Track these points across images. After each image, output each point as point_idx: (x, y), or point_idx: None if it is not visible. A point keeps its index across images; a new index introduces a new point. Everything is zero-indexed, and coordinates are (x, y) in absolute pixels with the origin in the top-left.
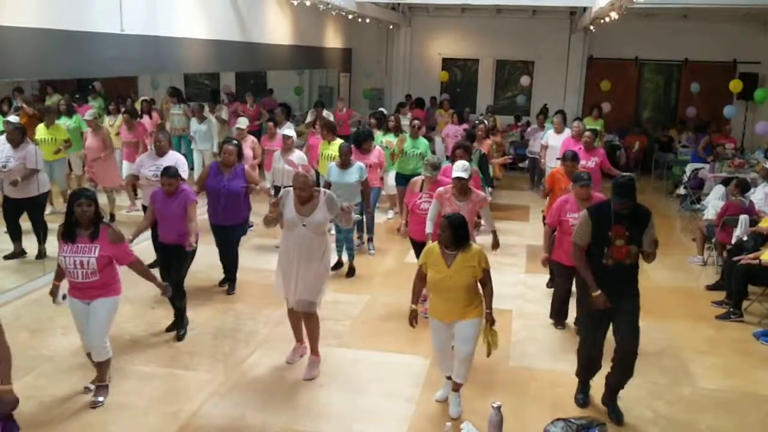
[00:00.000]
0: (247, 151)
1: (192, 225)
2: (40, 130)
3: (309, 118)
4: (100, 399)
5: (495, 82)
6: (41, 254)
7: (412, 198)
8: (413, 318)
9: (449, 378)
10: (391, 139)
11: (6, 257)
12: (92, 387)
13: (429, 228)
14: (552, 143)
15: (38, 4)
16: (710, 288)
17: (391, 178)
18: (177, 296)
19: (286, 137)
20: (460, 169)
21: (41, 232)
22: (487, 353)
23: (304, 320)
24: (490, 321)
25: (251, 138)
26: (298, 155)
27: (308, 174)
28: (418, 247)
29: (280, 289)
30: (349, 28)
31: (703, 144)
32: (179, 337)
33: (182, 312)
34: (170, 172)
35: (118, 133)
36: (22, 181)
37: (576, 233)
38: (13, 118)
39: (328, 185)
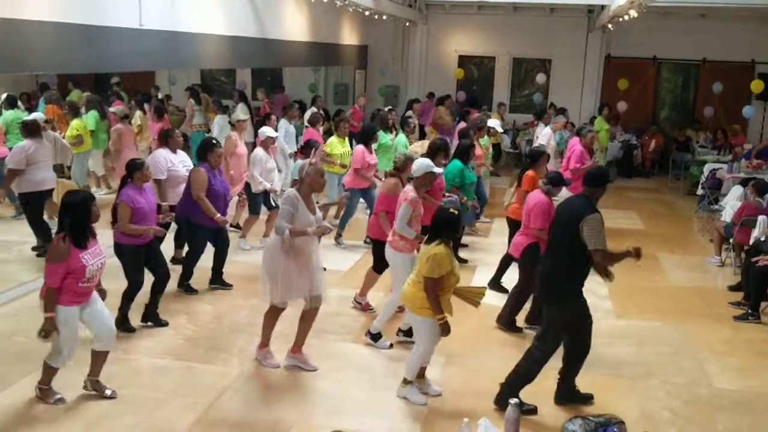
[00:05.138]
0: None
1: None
2: None
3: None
4: (111, 390)
5: (511, 79)
6: None
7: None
8: (448, 329)
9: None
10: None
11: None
12: (110, 392)
13: (411, 233)
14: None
15: None
16: (732, 289)
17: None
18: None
19: (270, 138)
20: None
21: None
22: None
23: (312, 316)
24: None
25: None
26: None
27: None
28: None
29: (289, 294)
30: (366, 25)
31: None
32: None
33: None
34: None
35: (138, 132)
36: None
37: (601, 239)
38: (37, 115)
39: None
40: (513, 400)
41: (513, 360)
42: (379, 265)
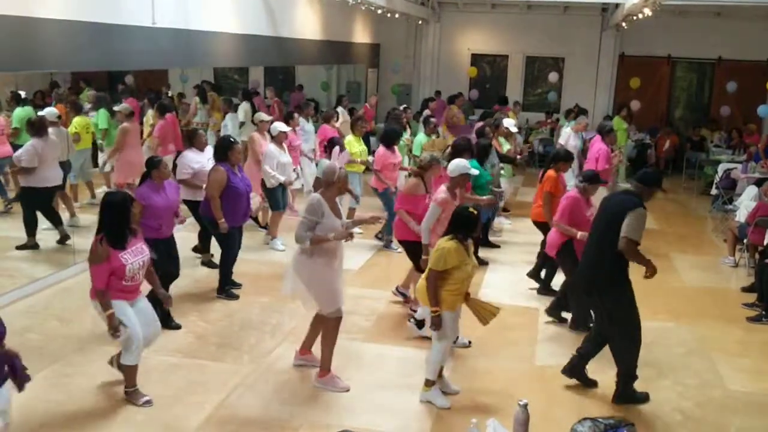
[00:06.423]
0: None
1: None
2: None
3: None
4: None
5: (525, 78)
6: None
7: (422, 202)
8: (440, 324)
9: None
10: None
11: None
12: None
13: (427, 238)
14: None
15: None
16: (746, 290)
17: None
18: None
19: (282, 133)
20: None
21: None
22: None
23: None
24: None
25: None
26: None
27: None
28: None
29: (339, 299)
30: (378, 24)
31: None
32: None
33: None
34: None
35: (150, 132)
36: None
37: (637, 231)
38: (49, 111)
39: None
40: (522, 401)
41: (525, 360)
42: (419, 263)
